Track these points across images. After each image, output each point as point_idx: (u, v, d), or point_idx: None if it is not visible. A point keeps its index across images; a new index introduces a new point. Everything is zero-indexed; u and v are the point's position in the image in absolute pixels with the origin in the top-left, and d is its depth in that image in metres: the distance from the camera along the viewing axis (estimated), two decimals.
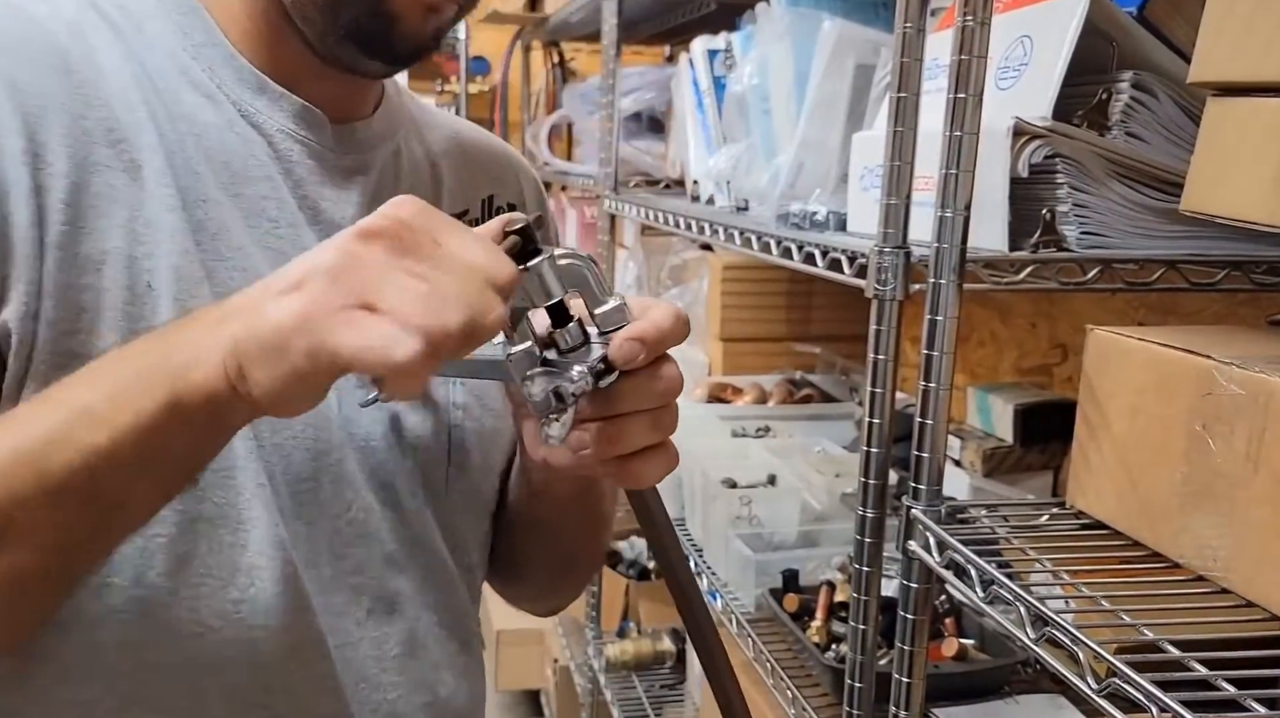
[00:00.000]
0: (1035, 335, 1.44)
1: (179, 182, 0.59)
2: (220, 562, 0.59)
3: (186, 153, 0.61)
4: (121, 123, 0.58)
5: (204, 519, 0.58)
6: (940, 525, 0.76)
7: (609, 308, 0.54)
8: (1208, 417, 0.65)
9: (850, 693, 0.87)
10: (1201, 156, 0.71)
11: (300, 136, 0.65)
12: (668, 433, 0.57)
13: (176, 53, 0.63)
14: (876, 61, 1.14)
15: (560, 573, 0.85)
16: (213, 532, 0.59)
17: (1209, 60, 0.69)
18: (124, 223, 0.57)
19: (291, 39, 0.64)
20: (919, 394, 0.78)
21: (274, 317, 0.46)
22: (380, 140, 0.70)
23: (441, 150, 0.75)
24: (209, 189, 0.61)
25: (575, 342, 0.53)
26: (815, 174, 1.18)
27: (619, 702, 2.00)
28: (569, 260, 0.53)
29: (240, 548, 0.59)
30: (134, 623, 0.58)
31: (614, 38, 1.84)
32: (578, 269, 0.53)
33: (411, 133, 0.74)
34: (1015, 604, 0.64)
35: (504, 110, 3.08)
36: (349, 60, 0.64)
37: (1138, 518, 0.72)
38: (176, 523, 0.58)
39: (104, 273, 0.56)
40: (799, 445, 1.48)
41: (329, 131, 0.66)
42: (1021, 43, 0.87)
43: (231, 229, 0.61)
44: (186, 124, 0.61)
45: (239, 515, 0.59)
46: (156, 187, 0.58)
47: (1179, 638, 0.59)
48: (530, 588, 0.86)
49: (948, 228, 0.75)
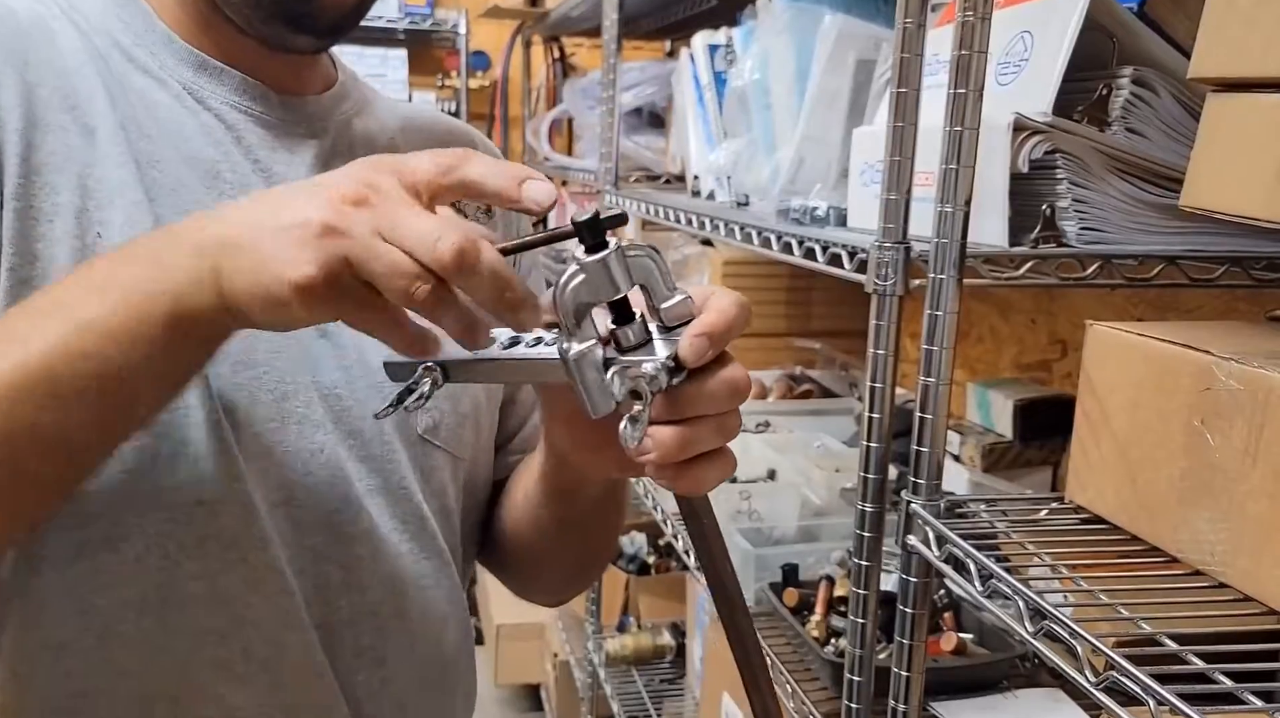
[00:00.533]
0: (1035, 331, 1.44)
1: (132, 145, 0.62)
2: (177, 497, 0.60)
3: (139, 121, 0.63)
4: (77, 91, 0.61)
5: (162, 456, 0.60)
6: (939, 520, 0.77)
7: (675, 302, 0.51)
8: (1206, 412, 0.65)
9: (849, 687, 0.88)
10: (1201, 152, 0.71)
11: (244, 108, 0.67)
12: (732, 438, 0.54)
13: (122, 42, 0.65)
14: (877, 57, 1.14)
15: (578, 571, 0.85)
16: (171, 466, 0.60)
17: (1209, 56, 0.69)
18: (76, 179, 0.60)
19: (222, 24, 0.66)
20: (919, 389, 0.78)
21: (287, 218, 0.46)
22: (330, 114, 0.71)
23: (398, 128, 0.76)
24: (162, 152, 0.63)
25: (639, 339, 0.50)
26: (816, 169, 1.19)
27: (619, 696, 2.00)
28: (637, 253, 0.50)
29: (198, 481, 0.60)
30: (105, 555, 0.59)
31: (615, 32, 1.84)
32: (645, 262, 0.50)
33: (366, 111, 0.75)
34: (1014, 599, 0.65)
35: (504, 105, 3.08)
36: (278, 39, 0.66)
37: (1136, 513, 0.72)
38: (137, 459, 0.59)
39: (55, 224, 0.59)
40: (799, 441, 1.48)
41: (274, 102, 0.68)
42: (1022, 38, 0.87)
43: (187, 186, 0.63)
44: (138, 98, 0.64)
45: (193, 452, 0.60)
46: (109, 147, 0.61)
47: (1177, 632, 0.59)
48: (546, 584, 0.86)
49: (948, 223, 0.75)
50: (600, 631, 2.17)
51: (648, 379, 0.49)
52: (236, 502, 0.61)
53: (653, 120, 2.14)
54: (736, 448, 0.57)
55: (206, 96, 0.66)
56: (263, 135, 0.67)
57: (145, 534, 0.60)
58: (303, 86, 0.70)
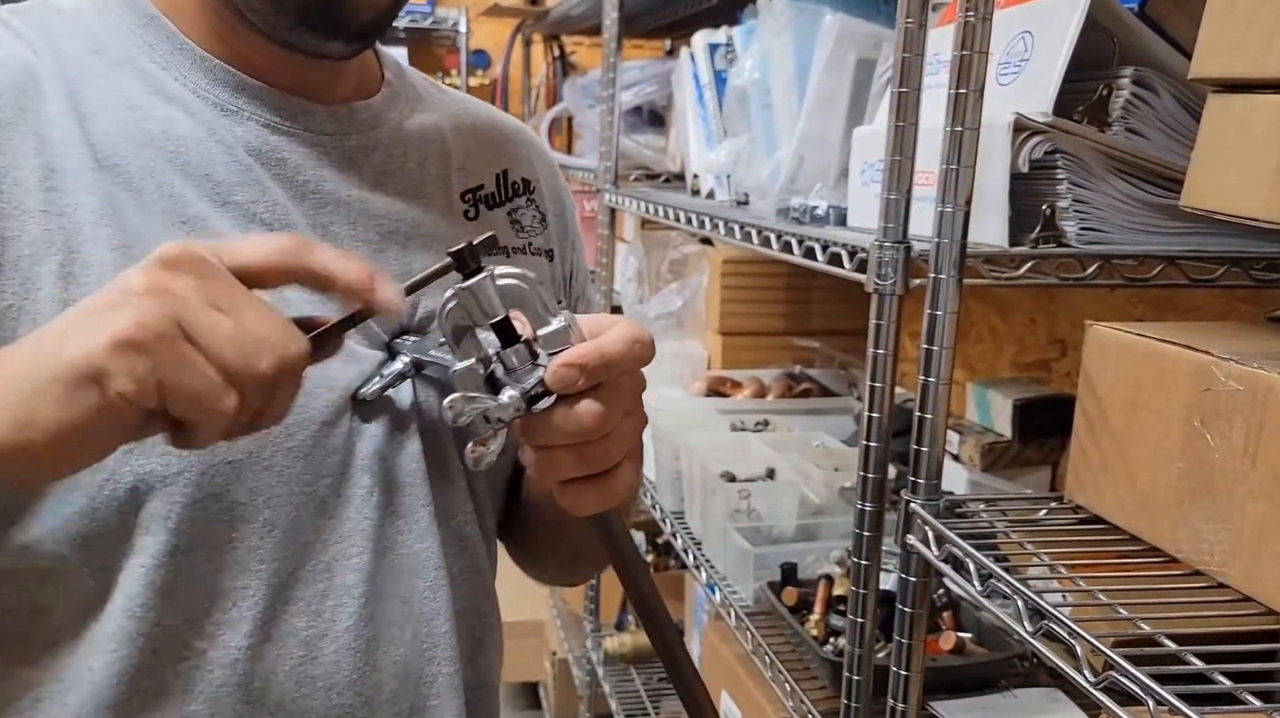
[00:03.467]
0: (1034, 331, 1.44)
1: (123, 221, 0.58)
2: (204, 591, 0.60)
3: (160, 178, 0.59)
4: (59, 168, 0.57)
5: (181, 551, 0.59)
6: (939, 520, 0.77)
7: (551, 329, 0.53)
8: (1206, 412, 0.65)
9: (848, 686, 0.88)
10: (1202, 152, 0.71)
11: (285, 127, 0.64)
12: (600, 467, 0.54)
13: (144, 68, 0.62)
14: (878, 56, 1.14)
15: (569, 564, 0.87)
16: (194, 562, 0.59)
17: (1210, 56, 0.69)
18: (58, 268, 0.56)
19: (250, 33, 0.63)
20: (918, 388, 0.78)
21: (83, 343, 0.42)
22: (382, 118, 0.69)
23: (450, 126, 0.74)
24: (194, 206, 0.60)
25: (521, 362, 0.53)
26: (816, 169, 1.19)
27: (617, 694, 2.01)
28: (509, 280, 0.53)
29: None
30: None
31: (615, 31, 1.84)
32: (517, 289, 0.53)
33: (419, 108, 0.73)
34: (1013, 598, 0.65)
35: (505, 103, 3.08)
36: (309, 46, 0.62)
37: (1135, 513, 0.72)
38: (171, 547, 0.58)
39: (38, 320, 0.55)
40: (798, 439, 1.48)
41: (320, 115, 0.65)
42: (1023, 38, 0.87)
43: (226, 238, 0.60)
44: (161, 143, 0.60)
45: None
46: (95, 228, 0.57)
47: (1176, 632, 0.59)
48: (545, 572, 0.89)
49: (948, 223, 0.75)
50: (599, 629, 2.17)
51: (500, 405, 0.52)
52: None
53: (653, 119, 2.14)
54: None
55: (245, 119, 0.62)
56: (307, 154, 0.64)
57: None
58: (348, 93, 0.68)
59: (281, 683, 0.61)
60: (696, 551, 1.41)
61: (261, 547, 0.60)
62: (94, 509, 0.57)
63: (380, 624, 0.64)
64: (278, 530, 0.61)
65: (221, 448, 0.58)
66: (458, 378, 0.53)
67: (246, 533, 0.60)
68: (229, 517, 0.59)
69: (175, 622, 0.59)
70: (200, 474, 0.58)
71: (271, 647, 0.61)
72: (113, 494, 0.57)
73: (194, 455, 0.57)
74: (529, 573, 0.89)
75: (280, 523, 0.61)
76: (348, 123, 0.67)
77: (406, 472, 0.65)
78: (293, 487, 0.61)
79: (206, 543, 0.59)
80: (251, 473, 0.59)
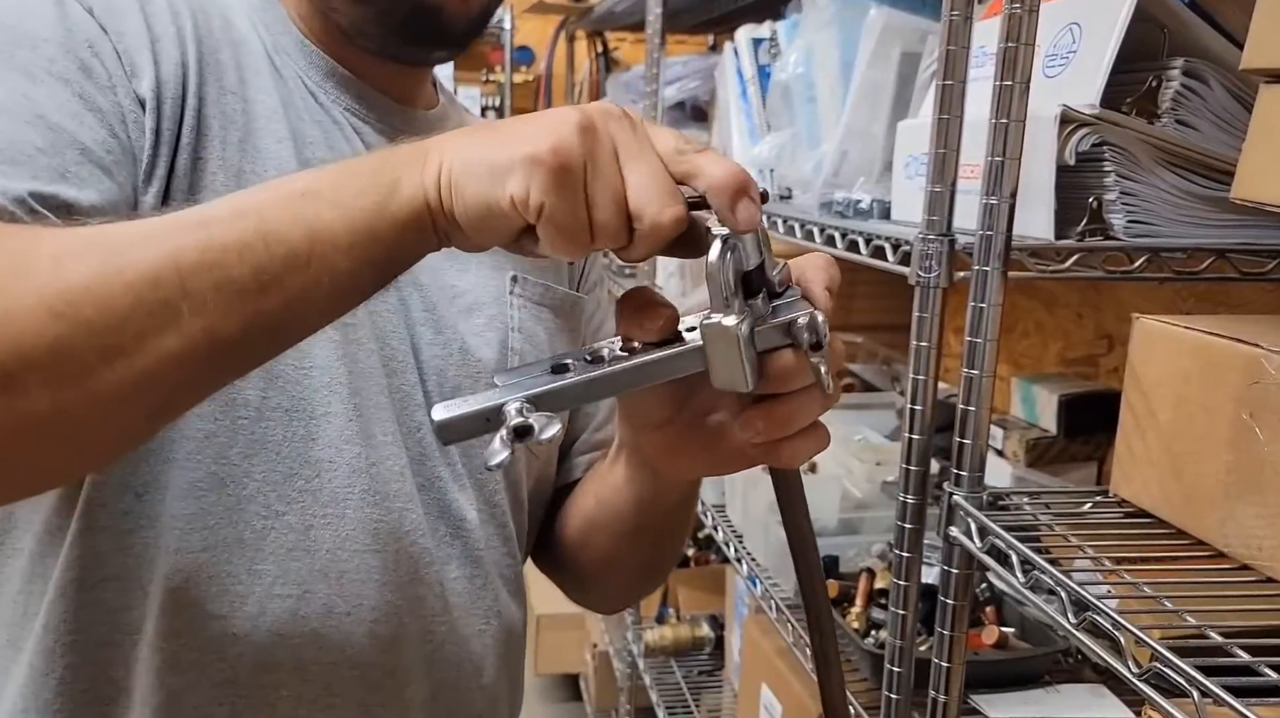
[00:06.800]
0: (1081, 326, 1.43)
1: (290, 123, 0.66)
2: (291, 451, 0.63)
3: (290, 110, 0.67)
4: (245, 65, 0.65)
5: (281, 409, 0.63)
6: (982, 512, 0.77)
7: (779, 268, 0.50)
8: (1255, 405, 0.64)
9: (890, 678, 0.88)
10: (1253, 144, 0.70)
11: (363, 115, 0.70)
12: (832, 404, 0.54)
13: (257, 44, 0.68)
14: (922, 49, 1.14)
15: (645, 576, 0.85)
16: (288, 420, 0.63)
17: (1262, 46, 0.68)
18: (237, 141, 0.63)
19: (355, 46, 0.69)
20: (962, 381, 0.78)
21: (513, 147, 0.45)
22: (435, 130, 0.71)
23: None
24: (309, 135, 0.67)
25: (765, 309, 0.49)
26: (860, 162, 1.18)
27: (657, 687, 2.02)
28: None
29: (310, 440, 0.63)
30: (210, 495, 0.61)
31: (658, 27, 1.84)
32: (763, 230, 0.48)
33: (467, 123, 0.78)
34: (1056, 591, 0.65)
35: (548, 100, 3.10)
36: (414, 58, 0.70)
37: (1182, 507, 0.71)
38: (257, 407, 0.62)
39: (218, 177, 0.61)
40: (840, 434, 1.48)
41: (393, 111, 0.72)
42: (1070, 30, 0.87)
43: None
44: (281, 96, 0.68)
45: (312, 409, 0.63)
46: (268, 123, 0.65)
47: (1223, 626, 0.59)
48: (609, 590, 0.86)
49: (993, 216, 0.75)
50: (639, 621, 2.18)
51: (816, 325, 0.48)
52: (344, 463, 0.64)
53: (695, 114, 2.14)
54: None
55: (330, 103, 0.69)
56: (380, 143, 0.70)
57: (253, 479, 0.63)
58: (415, 100, 0.74)
59: (345, 562, 0.65)
60: (738, 544, 1.41)
61: (351, 427, 0.64)
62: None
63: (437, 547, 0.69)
64: (365, 410, 0.65)
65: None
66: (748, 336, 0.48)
67: (337, 406, 0.64)
68: (327, 384, 0.64)
69: (259, 478, 0.63)
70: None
71: (344, 524, 0.65)
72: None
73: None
74: (587, 601, 0.87)
75: (367, 401, 0.66)
76: (411, 125, 0.72)
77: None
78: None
79: (302, 409, 0.63)
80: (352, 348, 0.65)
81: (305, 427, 0.63)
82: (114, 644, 0.62)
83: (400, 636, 0.67)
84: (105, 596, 0.62)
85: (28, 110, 0.54)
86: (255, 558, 0.63)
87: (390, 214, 0.46)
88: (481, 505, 0.71)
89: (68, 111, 0.55)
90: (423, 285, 0.70)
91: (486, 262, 0.73)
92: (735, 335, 0.47)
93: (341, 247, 0.46)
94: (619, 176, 0.46)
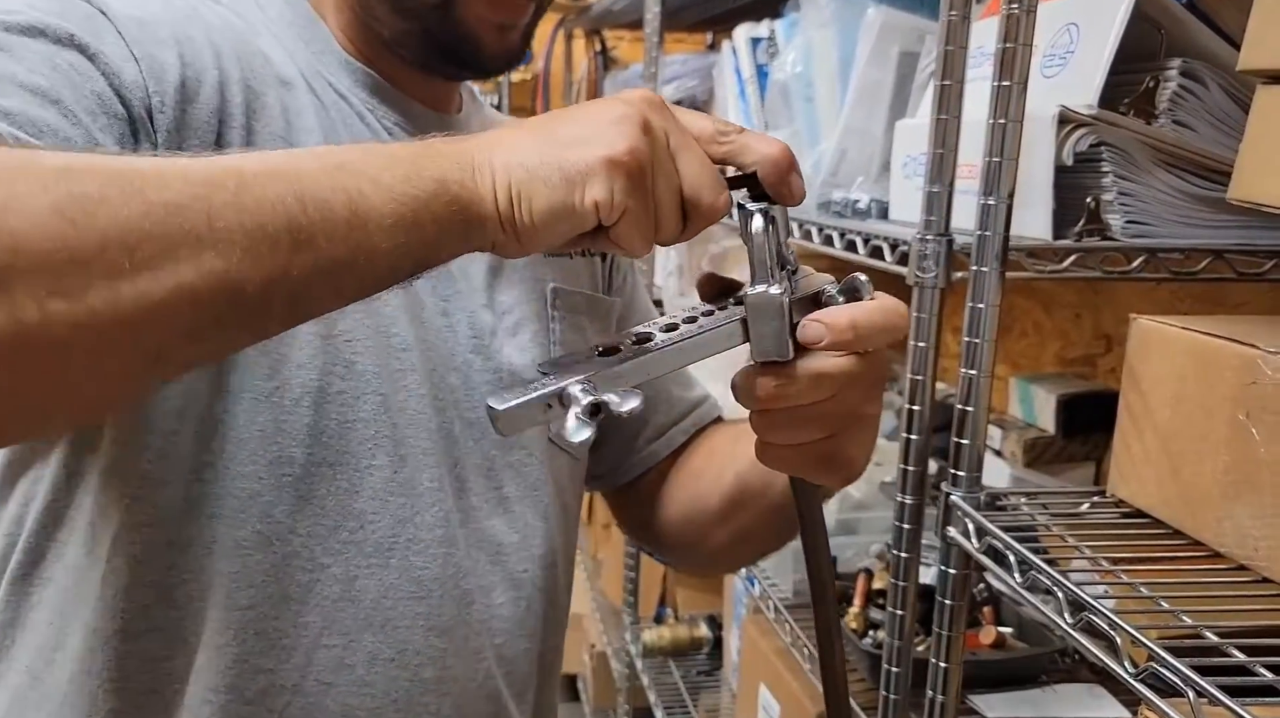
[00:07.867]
0: (1079, 326, 1.43)
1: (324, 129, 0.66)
2: (335, 505, 0.63)
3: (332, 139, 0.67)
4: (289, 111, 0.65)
5: (326, 464, 0.63)
6: (979, 513, 0.77)
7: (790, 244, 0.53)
8: (1251, 406, 0.65)
9: (887, 678, 0.88)
10: (1250, 145, 0.70)
11: (407, 128, 0.71)
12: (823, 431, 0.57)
13: (303, 61, 0.68)
14: (921, 49, 1.14)
15: (731, 544, 0.83)
16: (333, 475, 0.63)
17: (1259, 47, 0.69)
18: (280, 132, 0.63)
19: (391, 54, 0.70)
20: (960, 381, 0.78)
21: (596, 147, 0.46)
22: (468, 127, 0.75)
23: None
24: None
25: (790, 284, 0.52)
26: (858, 162, 1.19)
27: (656, 687, 2.02)
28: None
29: (354, 493, 0.63)
30: (255, 554, 0.61)
31: (656, 25, 1.84)
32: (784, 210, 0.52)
33: (489, 122, 0.79)
34: (1053, 591, 0.65)
35: (546, 99, 3.10)
36: (445, 73, 0.71)
37: (1179, 507, 0.71)
38: (302, 463, 0.62)
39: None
40: None
41: (431, 120, 0.73)
42: (1068, 30, 0.87)
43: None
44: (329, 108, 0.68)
45: (356, 463, 0.63)
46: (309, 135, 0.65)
47: (1219, 626, 0.59)
48: (736, 561, 0.94)
49: (991, 216, 0.75)
50: (638, 622, 2.18)
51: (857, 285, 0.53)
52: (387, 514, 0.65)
53: None
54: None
55: (375, 121, 0.69)
56: None
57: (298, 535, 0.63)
58: (448, 106, 0.75)
59: (390, 609, 0.65)
60: None
61: (396, 478, 0.65)
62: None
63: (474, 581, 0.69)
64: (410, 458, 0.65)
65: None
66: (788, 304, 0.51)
67: (381, 458, 0.64)
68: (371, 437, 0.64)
69: (304, 534, 0.63)
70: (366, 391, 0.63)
71: (388, 573, 0.65)
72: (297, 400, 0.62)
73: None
74: (698, 568, 0.89)
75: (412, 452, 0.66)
76: (446, 130, 0.72)
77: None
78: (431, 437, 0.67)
79: (347, 463, 0.63)
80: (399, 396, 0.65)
81: (349, 480, 0.63)
82: (158, 692, 0.62)
83: (445, 677, 0.67)
84: (150, 646, 0.62)
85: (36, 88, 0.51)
86: (301, 611, 0.63)
87: (433, 211, 0.45)
88: (518, 527, 0.71)
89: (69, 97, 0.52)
90: (471, 309, 0.70)
91: (527, 275, 0.73)
92: (780, 304, 0.50)
93: (385, 226, 0.44)
94: (676, 170, 0.48)
